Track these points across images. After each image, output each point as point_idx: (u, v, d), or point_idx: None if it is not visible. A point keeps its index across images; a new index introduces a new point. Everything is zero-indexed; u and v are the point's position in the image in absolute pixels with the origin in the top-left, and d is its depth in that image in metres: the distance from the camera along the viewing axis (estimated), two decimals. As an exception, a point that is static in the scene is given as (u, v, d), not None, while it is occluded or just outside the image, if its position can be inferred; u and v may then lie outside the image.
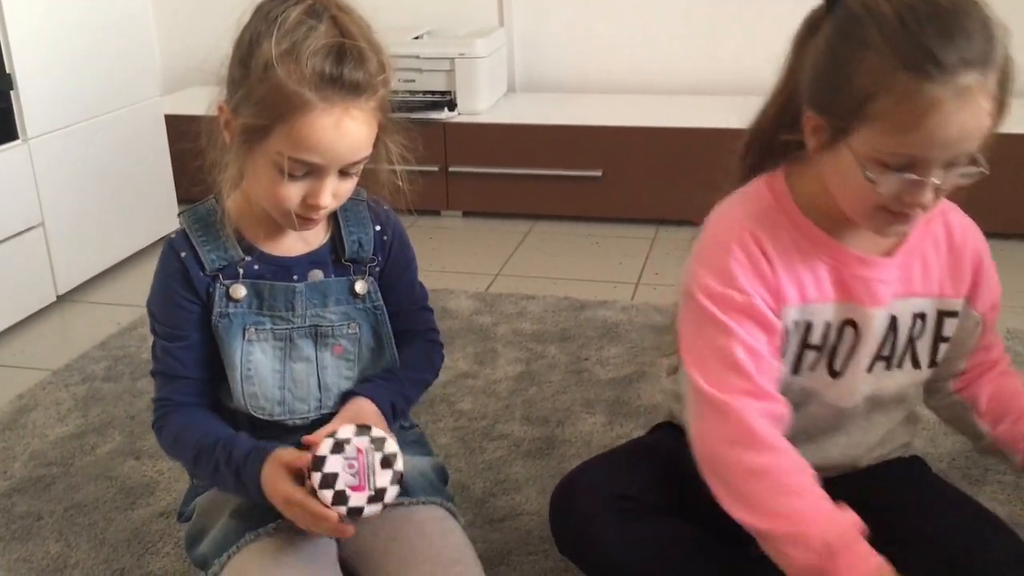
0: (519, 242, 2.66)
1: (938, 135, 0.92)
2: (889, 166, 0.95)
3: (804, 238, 1.08)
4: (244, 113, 1.04)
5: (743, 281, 1.05)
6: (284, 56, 1.01)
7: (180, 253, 1.14)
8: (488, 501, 1.51)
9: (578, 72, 3.08)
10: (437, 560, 1.11)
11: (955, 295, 1.14)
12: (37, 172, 2.22)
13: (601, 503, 1.15)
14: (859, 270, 1.08)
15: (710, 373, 1.05)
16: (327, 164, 1.05)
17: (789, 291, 1.07)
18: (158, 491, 1.57)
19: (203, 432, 1.14)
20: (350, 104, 1.03)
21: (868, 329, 1.10)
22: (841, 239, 1.08)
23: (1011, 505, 1.45)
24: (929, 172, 0.95)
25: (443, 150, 2.78)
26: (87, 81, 2.35)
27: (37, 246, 2.24)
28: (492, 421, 1.73)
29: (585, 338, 2.04)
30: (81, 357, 2.04)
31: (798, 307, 1.08)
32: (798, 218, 1.08)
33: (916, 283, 1.12)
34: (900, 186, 0.96)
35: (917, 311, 1.12)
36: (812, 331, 1.10)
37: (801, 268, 1.08)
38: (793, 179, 1.09)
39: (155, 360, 1.18)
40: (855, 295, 1.09)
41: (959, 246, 1.14)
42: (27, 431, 1.77)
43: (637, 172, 2.67)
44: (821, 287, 1.08)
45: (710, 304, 1.06)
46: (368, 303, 1.19)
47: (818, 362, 1.12)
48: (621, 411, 1.75)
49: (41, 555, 1.43)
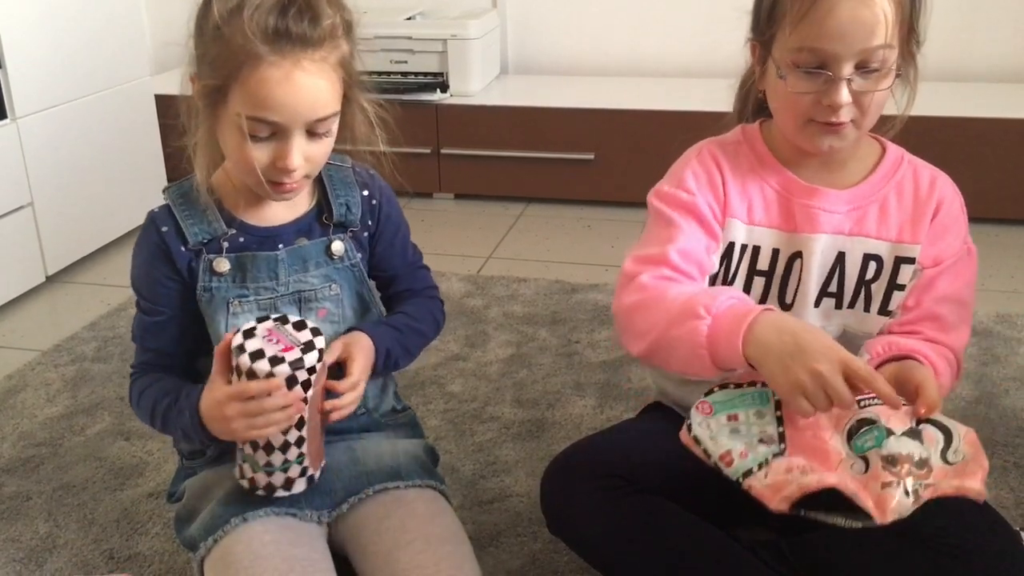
0: (511, 225, 2.66)
1: (829, 23, 1.00)
2: (800, 66, 1.04)
3: (760, 164, 1.16)
4: (203, 75, 1.05)
5: (692, 183, 1.15)
6: (232, 12, 1.01)
7: (161, 228, 1.14)
8: (478, 483, 1.51)
9: (571, 54, 3.06)
10: (428, 540, 1.11)
11: (912, 240, 1.15)
12: (26, 151, 2.20)
13: (591, 483, 1.15)
14: (803, 197, 1.14)
15: (638, 257, 1.14)
16: (286, 122, 1.04)
17: (736, 205, 1.15)
18: (147, 472, 1.57)
19: (160, 388, 1.16)
20: (300, 56, 1.02)
21: (810, 255, 1.14)
22: (797, 173, 1.15)
23: (997, 489, 1.45)
24: (839, 70, 1.02)
25: (435, 132, 2.77)
26: (76, 60, 2.33)
27: (26, 226, 2.23)
28: (482, 403, 1.74)
29: (576, 321, 2.04)
30: (71, 338, 2.03)
31: (745, 227, 1.15)
32: (759, 148, 1.17)
33: (870, 225, 1.14)
34: (812, 85, 1.04)
35: (870, 252, 1.15)
36: (759, 256, 1.16)
37: (752, 189, 1.15)
38: (766, 125, 1.19)
39: (133, 331, 1.20)
40: (799, 222, 1.14)
41: (924, 197, 1.16)
42: (16, 412, 1.76)
43: (629, 155, 2.66)
44: (769, 210, 1.15)
45: (658, 202, 1.17)
46: (346, 262, 1.19)
47: (768, 292, 1.16)
48: (611, 394, 1.75)
49: (30, 535, 1.43)
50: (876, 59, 1.03)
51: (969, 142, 2.42)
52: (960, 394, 1.71)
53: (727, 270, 1.18)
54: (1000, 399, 1.70)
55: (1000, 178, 2.44)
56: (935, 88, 2.70)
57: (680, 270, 1.12)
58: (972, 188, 2.63)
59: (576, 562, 1.31)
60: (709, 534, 1.14)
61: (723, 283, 1.17)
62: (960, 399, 1.70)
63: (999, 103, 2.54)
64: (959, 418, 1.66)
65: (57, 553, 1.39)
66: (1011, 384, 1.75)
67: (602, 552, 1.15)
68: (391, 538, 1.12)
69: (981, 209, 2.48)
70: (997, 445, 1.56)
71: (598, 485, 1.14)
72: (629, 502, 1.14)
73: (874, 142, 1.19)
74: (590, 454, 1.21)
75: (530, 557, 1.34)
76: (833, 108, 1.04)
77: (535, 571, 1.31)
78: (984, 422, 1.63)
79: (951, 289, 1.16)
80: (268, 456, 1.08)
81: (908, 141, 1.19)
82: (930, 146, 2.50)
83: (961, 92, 2.66)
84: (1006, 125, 2.43)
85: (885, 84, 1.05)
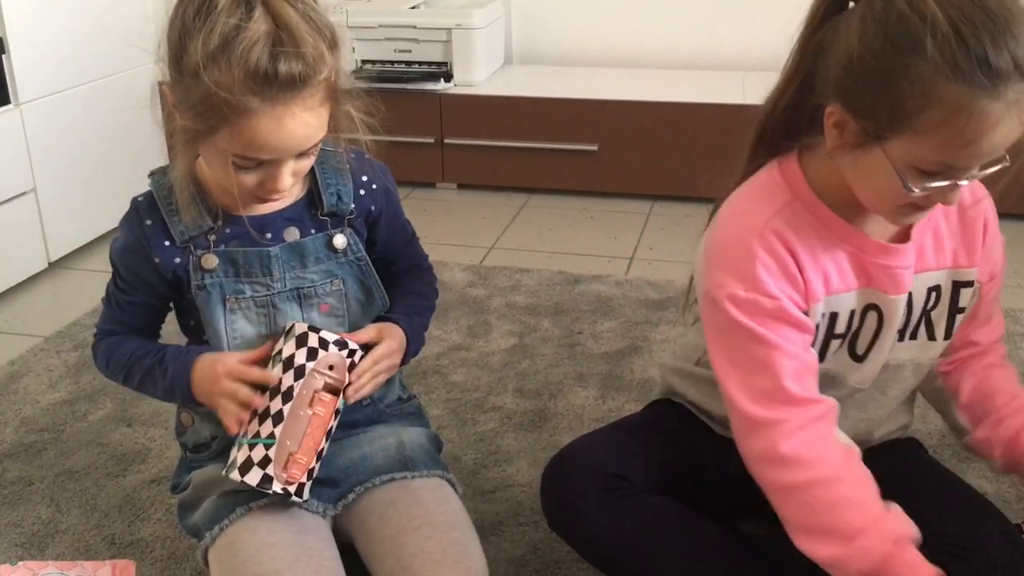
0: (514, 215, 2.66)
1: (984, 147, 0.90)
2: (927, 172, 0.93)
3: (825, 228, 1.04)
4: (183, 115, 1.00)
5: (770, 285, 1.01)
6: (213, 58, 0.95)
7: (145, 221, 1.12)
8: (479, 472, 1.51)
9: (576, 45, 3.05)
10: (434, 526, 1.12)
11: (968, 264, 1.11)
12: (29, 137, 2.20)
13: (591, 482, 1.15)
14: (880, 258, 1.06)
15: (750, 391, 1.02)
16: (276, 158, 1.02)
17: (816, 286, 1.04)
18: (149, 458, 1.57)
19: (135, 345, 1.17)
20: (290, 101, 0.97)
21: (891, 315, 1.08)
22: (858, 224, 1.05)
23: (999, 483, 1.45)
24: (966, 176, 0.93)
25: (439, 122, 2.76)
26: (80, 46, 2.33)
27: (29, 212, 2.23)
28: (484, 393, 1.74)
29: (579, 312, 2.04)
30: (73, 324, 2.03)
31: (824, 299, 1.06)
32: (819, 209, 1.04)
33: (929, 257, 1.09)
34: (936, 190, 0.94)
35: (931, 285, 1.10)
36: (837, 321, 1.08)
37: (824, 259, 1.04)
38: (807, 163, 1.05)
39: (106, 294, 1.20)
40: (876, 282, 1.07)
41: (971, 214, 1.10)
42: (18, 397, 1.76)
43: (633, 146, 2.66)
44: (844, 276, 1.06)
45: (738, 313, 1.02)
46: (350, 256, 1.17)
47: (840, 347, 1.10)
48: (613, 385, 1.75)
49: (32, 520, 1.43)
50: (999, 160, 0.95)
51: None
52: (962, 388, 1.71)
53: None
54: (1002, 393, 1.70)
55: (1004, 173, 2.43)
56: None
57: (802, 400, 1.03)
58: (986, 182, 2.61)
59: (576, 552, 1.31)
60: (710, 531, 1.15)
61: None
62: (962, 393, 1.69)
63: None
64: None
65: (59, 538, 1.39)
66: (1013, 379, 1.75)
67: (602, 552, 1.15)
68: (397, 524, 1.12)
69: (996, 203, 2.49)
70: (999, 439, 1.56)
71: (598, 486, 1.14)
72: (629, 504, 1.14)
73: None
74: (590, 455, 1.20)
75: (531, 546, 1.34)
76: (946, 203, 0.98)
77: (536, 560, 1.31)
78: (986, 416, 1.63)
79: (996, 290, 1.16)
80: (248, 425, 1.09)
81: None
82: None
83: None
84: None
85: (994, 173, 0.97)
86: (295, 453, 1.07)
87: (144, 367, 1.15)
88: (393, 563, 1.10)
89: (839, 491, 0.99)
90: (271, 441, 1.07)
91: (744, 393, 1.02)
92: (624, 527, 1.12)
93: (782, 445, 1.00)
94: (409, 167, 2.80)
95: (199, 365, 1.10)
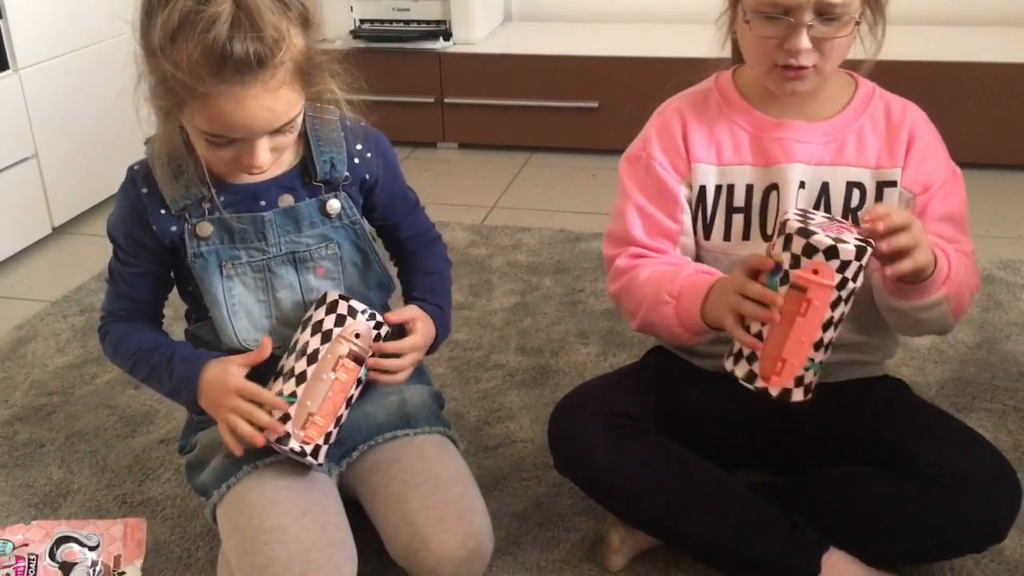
0: (515, 174, 2.66)
1: None
2: (763, 12, 1.08)
3: (729, 107, 1.21)
4: (153, 91, 1.01)
5: (652, 144, 1.21)
6: (171, 40, 0.96)
7: (141, 189, 1.13)
8: (483, 429, 1.53)
9: (575, 1, 3.03)
10: (437, 482, 1.14)
11: (890, 164, 1.18)
12: (29, 103, 2.20)
13: (599, 421, 1.18)
14: (775, 132, 1.18)
15: (609, 236, 1.25)
16: (246, 136, 1.02)
17: (702, 151, 1.19)
18: (158, 419, 1.59)
19: (145, 338, 1.17)
20: (248, 82, 0.97)
21: (786, 186, 1.17)
22: (768, 111, 1.19)
23: (996, 432, 1.47)
24: (799, 16, 1.06)
25: (438, 81, 2.75)
26: (78, 9, 2.31)
27: (31, 178, 2.24)
28: (487, 351, 1.75)
29: (580, 270, 2.05)
30: (79, 288, 2.05)
31: (716, 168, 1.19)
32: (730, 94, 1.21)
33: (850, 154, 1.18)
34: (775, 30, 1.08)
35: (852, 180, 1.18)
36: (734, 193, 1.19)
37: (721, 132, 1.20)
38: (739, 71, 1.23)
39: (109, 273, 1.20)
40: (772, 156, 1.17)
41: (896, 124, 1.19)
42: (27, 361, 1.78)
43: (634, 103, 2.62)
44: (739, 150, 1.19)
45: (622, 171, 1.25)
46: (345, 219, 1.18)
47: (749, 227, 1.19)
48: (614, 341, 1.77)
49: (44, 481, 1.45)
50: (835, 10, 1.06)
51: (973, 88, 2.40)
52: (961, 339, 1.72)
53: (704, 212, 1.21)
54: (1001, 344, 1.71)
55: (1004, 124, 2.42)
56: (946, 32, 2.67)
57: (647, 246, 1.21)
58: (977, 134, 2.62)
59: (578, 505, 1.34)
60: (712, 472, 1.17)
61: (703, 224, 1.21)
62: (961, 344, 1.71)
63: (1003, 48, 2.51)
64: (959, 364, 1.68)
65: (71, 498, 1.42)
66: (1012, 329, 1.76)
67: (608, 487, 1.17)
68: (401, 480, 1.15)
69: (986, 155, 2.48)
70: (998, 389, 1.58)
71: (605, 423, 1.17)
72: (634, 439, 1.17)
73: (847, 77, 1.21)
74: (597, 394, 1.24)
75: (533, 500, 1.36)
76: (792, 53, 1.09)
77: (539, 514, 1.34)
78: (985, 367, 1.64)
79: (944, 209, 1.18)
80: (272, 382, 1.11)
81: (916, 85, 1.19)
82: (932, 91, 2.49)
83: (969, 36, 2.63)
84: (1011, 70, 2.41)
85: (845, 31, 1.09)
86: (314, 414, 1.09)
87: (151, 364, 1.15)
88: (397, 520, 1.12)
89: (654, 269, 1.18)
90: (292, 399, 1.09)
91: (606, 239, 1.26)
92: (630, 461, 1.15)
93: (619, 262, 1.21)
94: (410, 127, 2.79)
95: (208, 373, 1.11)
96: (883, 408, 1.22)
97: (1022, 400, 1.55)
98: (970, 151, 2.47)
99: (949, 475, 1.09)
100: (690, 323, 1.13)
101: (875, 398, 1.23)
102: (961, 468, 1.10)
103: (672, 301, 1.14)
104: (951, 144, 1.23)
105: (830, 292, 0.99)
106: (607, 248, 1.25)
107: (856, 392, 1.24)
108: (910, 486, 1.11)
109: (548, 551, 1.28)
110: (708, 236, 1.21)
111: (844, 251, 0.97)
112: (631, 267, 1.20)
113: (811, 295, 0.99)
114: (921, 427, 1.18)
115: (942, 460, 1.11)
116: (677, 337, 1.17)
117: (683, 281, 1.14)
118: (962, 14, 2.75)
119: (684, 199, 1.20)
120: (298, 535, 1.07)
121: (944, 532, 1.11)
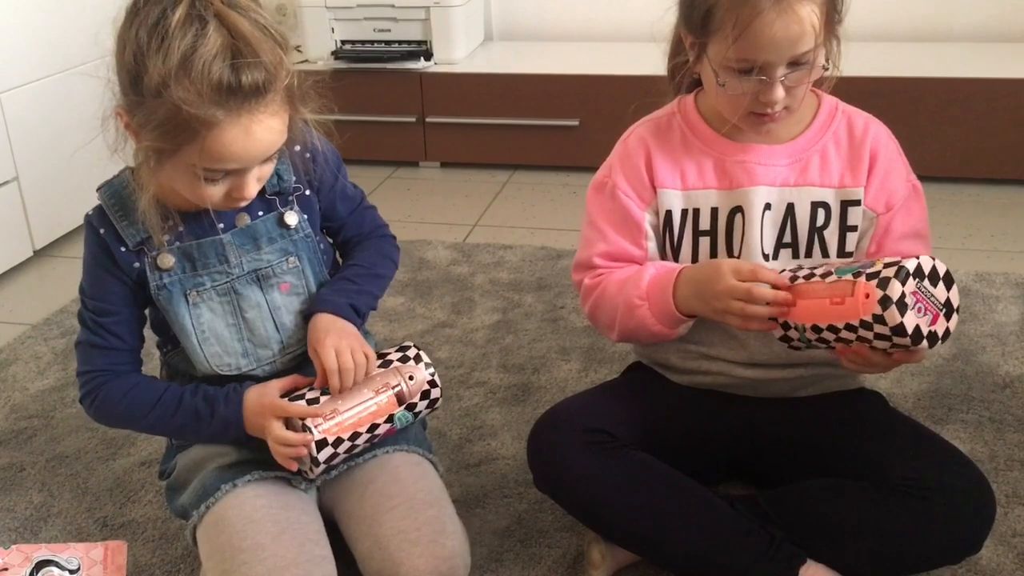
0: (496, 192, 2.67)
1: (762, 40, 1.06)
2: (736, 71, 1.10)
3: (694, 135, 1.22)
4: (148, 136, 1.00)
5: (616, 172, 1.24)
6: (176, 75, 0.96)
7: (99, 230, 1.14)
8: (464, 447, 1.54)
9: (555, 20, 3.05)
10: (411, 504, 1.14)
11: (854, 184, 1.20)
12: (9, 125, 2.20)
13: (577, 438, 1.18)
14: (739, 155, 1.20)
15: (576, 262, 1.29)
16: (244, 167, 1.03)
17: (666, 177, 1.21)
18: (139, 442, 1.59)
19: (160, 386, 1.17)
20: (255, 108, 0.99)
21: (751, 209, 1.19)
22: (733, 137, 1.20)
23: (972, 443, 1.49)
24: (773, 73, 1.09)
25: (420, 100, 2.77)
26: (59, 33, 2.32)
27: (12, 201, 2.23)
28: (469, 369, 1.76)
29: (561, 287, 2.06)
30: (60, 311, 2.04)
31: (681, 193, 1.21)
32: (694, 121, 1.23)
33: (813, 174, 1.20)
34: (749, 86, 1.10)
35: (816, 200, 1.20)
36: (700, 217, 1.21)
37: (685, 160, 1.22)
38: (702, 96, 1.24)
39: (85, 332, 1.17)
40: (735, 179, 1.19)
41: (859, 141, 1.21)
42: (7, 384, 1.78)
43: (614, 121, 2.63)
44: (703, 175, 1.21)
45: (590, 195, 1.27)
46: (302, 232, 1.19)
47: (715, 250, 1.21)
48: (596, 358, 1.78)
49: (24, 505, 1.45)
50: (806, 59, 1.09)
51: (952, 102, 2.43)
52: (938, 351, 1.73)
53: (671, 236, 1.22)
54: (977, 356, 1.73)
55: (981, 138, 2.45)
56: (920, 49, 2.71)
57: (612, 270, 1.23)
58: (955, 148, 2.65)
59: (560, 521, 1.34)
60: (690, 486, 1.18)
61: (671, 248, 1.23)
62: (938, 356, 1.72)
63: (981, 63, 2.54)
64: (935, 375, 1.69)
65: (52, 522, 1.41)
66: (988, 341, 1.77)
67: (586, 503, 1.18)
68: (374, 504, 1.15)
69: (964, 168, 2.51)
70: (974, 401, 1.59)
71: (583, 440, 1.18)
72: (614, 456, 1.17)
73: (811, 95, 1.22)
74: (575, 411, 1.25)
75: (515, 517, 1.37)
76: (768, 104, 1.11)
77: (521, 531, 1.34)
78: (961, 378, 1.66)
79: (907, 227, 1.21)
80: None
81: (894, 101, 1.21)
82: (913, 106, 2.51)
83: (944, 52, 2.66)
84: (988, 85, 2.44)
85: (815, 75, 1.12)
86: (338, 411, 1.12)
87: (183, 411, 1.14)
88: (370, 543, 1.12)
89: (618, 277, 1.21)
90: (327, 391, 1.13)
91: (574, 265, 1.30)
92: (609, 478, 1.16)
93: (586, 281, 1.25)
94: (391, 146, 2.80)
95: (248, 402, 1.13)
96: (859, 421, 1.23)
97: (997, 411, 1.57)
98: (945, 165, 2.51)
99: (925, 487, 1.11)
100: (666, 318, 1.17)
101: (851, 411, 1.25)
102: (937, 481, 1.11)
103: (643, 303, 1.17)
104: (926, 159, 1.26)
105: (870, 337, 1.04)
106: (575, 274, 1.29)
107: (833, 405, 1.25)
108: (887, 498, 1.12)
109: (530, 568, 1.28)
110: (676, 259, 1.23)
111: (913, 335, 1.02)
112: (597, 283, 1.24)
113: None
114: (897, 440, 1.19)
115: (918, 473, 1.12)
116: (658, 335, 1.20)
117: (648, 281, 1.18)
118: (940, 31, 2.79)
119: (648, 226, 1.22)
120: (276, 553, 1.07)
121: (921, 544, 1.12)
